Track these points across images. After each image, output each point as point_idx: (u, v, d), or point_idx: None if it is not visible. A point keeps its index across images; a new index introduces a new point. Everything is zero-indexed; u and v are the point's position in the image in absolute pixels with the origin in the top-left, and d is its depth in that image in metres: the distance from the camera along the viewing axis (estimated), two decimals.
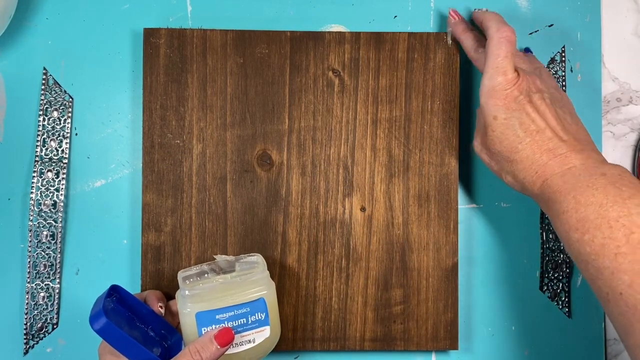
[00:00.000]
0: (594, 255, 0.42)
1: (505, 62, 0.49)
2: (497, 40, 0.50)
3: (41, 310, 0.57)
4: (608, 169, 0.45)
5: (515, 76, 0.49)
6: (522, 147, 0.48)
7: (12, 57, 0.58)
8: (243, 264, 0.52)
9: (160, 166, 0.56)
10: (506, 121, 0.49)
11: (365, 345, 0.57)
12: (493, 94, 0.49)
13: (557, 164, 0.47)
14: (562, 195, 0.45)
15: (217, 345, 0.47)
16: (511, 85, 0.49)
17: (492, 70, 0.50)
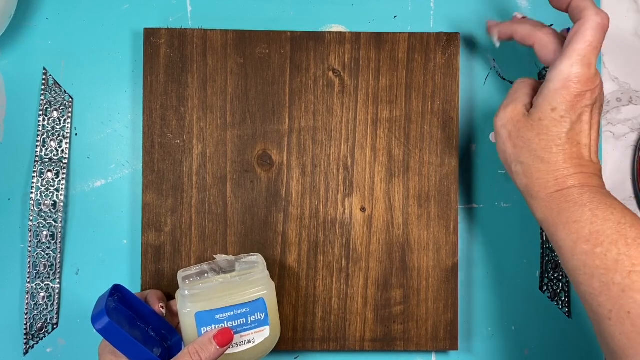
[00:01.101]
0: (604, 270, 0.41)
1: (594, 53, 0.45)
2: (593, 24, 0.45)
3: (41, 310, 0.57)
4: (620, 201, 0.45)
5: (595, 74, 0.45)
6: (557, 150, 0.46)
7: (12, 57, 0.58)
8: (243, 264, 0.52)
9: (160, 166, 0.56)
10: (561, 119, 0.45)
11: (365, 346, 0.57)
12: (569, 84, 0.45)
13: (579, 180, 0.46)
14: (576, 206, 0.44)
15: (216, 346, 0.47)
16: (588, 86, 0.45)
17: (578, 56, 0.45)
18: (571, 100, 0.45)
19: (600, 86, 0.46)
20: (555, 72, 0.45)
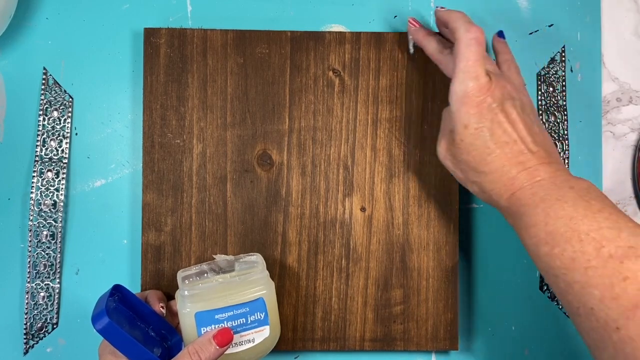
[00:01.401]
0: (564, 269, 0.41)
1: (477, 66, 0.47)
2: (466, 42, 0.48)
3: (41, 310, 0.57)
4: (576, 183, 0.44)
5: (487, 81, 0.47)
6: (492, 159, 0.47)
7: (12, 57, 0.58)
8: (242, 264, 0.52)
9: (160, 166, 0.56)
10: (477, 131, 0.47)
11: (365, 346, 0.57)
12: (466, 100, 0.47)
13: (526, 177, 0.46)
14: (530, 208, 0.44)
15: (216, 346, 0.47)
16: (484, 92, 0.47)
17: (463, 74, 0.47)
18: (474, 111, 0.47)
19: (498, 85, 0.47)
20: (451, 95, 0.48)
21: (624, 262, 0.39)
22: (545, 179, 0.45)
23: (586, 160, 0.60)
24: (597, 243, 0.40)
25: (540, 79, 0.60)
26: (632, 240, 0.40)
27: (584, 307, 0.40)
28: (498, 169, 0.47)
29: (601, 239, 0.40)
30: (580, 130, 0.60)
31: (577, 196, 0.43)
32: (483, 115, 0.47)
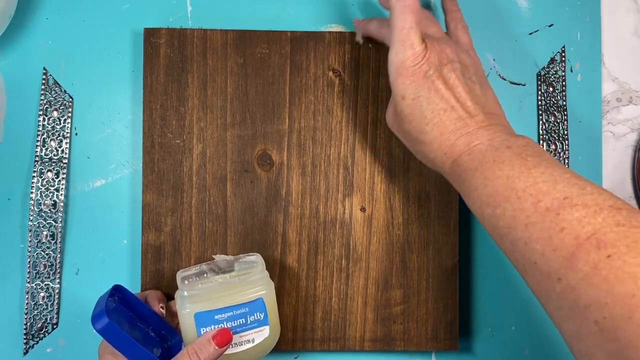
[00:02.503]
0: (507, 229, 0.41)
1: (411, 34, 0.46)
2: (399, 11, 0.46)
3: (41, 310, 0.57)
4: (514, 141, 0.44)
5: (423, 48, 0.46)
6: (430, 128, 0.46)
7: (12, 57, 0.58)
8: (242, 264, 0.52)
9: (160, 166, 0.56)
10: (414, 102, 0.46)
11: (365, 346, 0.57)
12: (401, 71, 0.46)
13: (464, 143, 0.45)
14: (470, 173, 0.44)
15: (215, 346, 0.47)
16: (419, 60, 0.46)
17: (398, 44, 0.46)
18: (410, 81, 0.46)
19: (434, 50, 0.46)
20: (388, 66, 0.47)
21: (560, 214, 0.39)
22: (483, 143, 0.45)
23: (586, 160, 0.60)
24: (534, 198, 0.40)
25: (540, 79, 0.60)
26: (567, 191, 0.40)
27: (528, 262, 0.40)
28: (437, 138, 0.46)
29: (537, 194, 0.40)
30: (580, 130, 0.60)
31: (513, 155, 0.43)
32: (419, 84, 0.46)
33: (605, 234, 0.37)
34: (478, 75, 0.48)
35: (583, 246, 0.37)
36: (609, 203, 0.38)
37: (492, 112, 0.47)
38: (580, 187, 0.40)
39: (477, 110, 0.46)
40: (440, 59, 0.46)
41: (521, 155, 0.43)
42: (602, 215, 0.38)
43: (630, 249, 0.35)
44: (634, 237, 0.36)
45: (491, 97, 0.48)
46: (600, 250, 0.36)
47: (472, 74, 0.48)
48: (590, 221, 0.37)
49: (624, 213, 0.38)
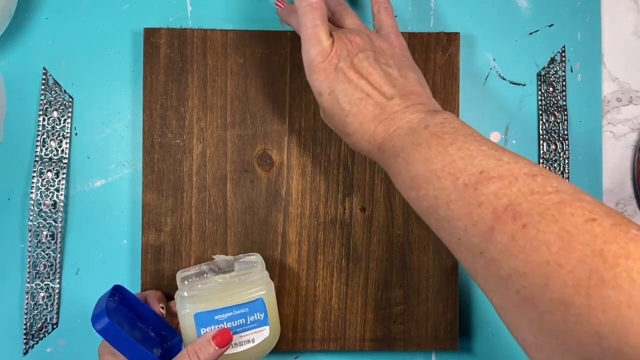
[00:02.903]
0: (432, 209, 0.42)
1: (317, 31, 0.46)
2: (303, 10, 0.47)
3: (41, 310, 0.57)
4: (431, 120, 0.44)
5: (330, 43, 0.46)
6: (350, 119, 0.46)
7: (12, 57, 0.58)
8: (242, 264, 0.52)
9: (160, 166, 0.56)
10: (330, 96, 0.46)
11: (365, 346, 0.57)
12: (313, 68, 0.47)
13: (384, 129, 0.45)
14: (393, 158, 0.44)
15: (215, 346, 0.47)
16: (328, 55, 0.46)
17: (306, 43, 0.47)
18: (323, 77, 0.46)
19: (341, 42, 0.47)
20: (304, 66, 0.48)
21: (477, 189, 0.39)
22: (402, 127, 0.45)
23: (586, 160, 0.60)
24: (452, 176, 0.40)
25: (540, 79, 0.60)
26: (484, 164, 0.40)
27: (454, 239, 0.40)
28: (359, 128, 0.46)
29: (455, 172, 0.40)
30: (580, 130, 0.60)
31: (430, 135, 0.43)
32: (332, 78, 0.46)
33: (520, 204, 0.37)
34: (396, 58, 0.48)
35: (500, 218, 0.37)
36: (525, 171, 0.38)
37: (412, 92, 0.47)
38: (497, 158, 0.40)
39: (394, 93, 0.46)
40: (349, 49, 0.47)
41: (438, 134, 0.43)
42: (517, 184, 0.38)
43: (543, 217, 0.36)
44: (546, 204, 0.36)
45: (411, 77, 0.48)
46: (516, 220, 0.36)
47: (388, 58, 0.48)
48: (506, 192, 0.38)
49: (538, 180, 0.38)
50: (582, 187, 0.59)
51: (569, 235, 0.34)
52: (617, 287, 0.31)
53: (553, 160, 0.59)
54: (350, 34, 0.48)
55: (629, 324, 0.30)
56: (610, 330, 0.31)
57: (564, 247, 0.34)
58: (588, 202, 0.36)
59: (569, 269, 0.33)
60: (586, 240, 0.33)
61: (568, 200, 0.36)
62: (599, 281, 0.32)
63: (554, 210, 0.36)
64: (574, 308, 0.33)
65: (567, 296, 0.33)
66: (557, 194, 0.37)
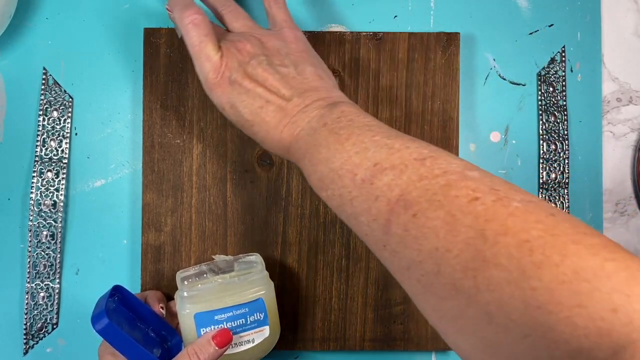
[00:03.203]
0: (340, 207, 0.41)
1: (203, 47, 0.46)
2: (185, 30, 0.46)
3: (41, 310, 0.57)
4: (329, 116, 0.43)
5: (219, 57, 0.46)
6: (257, 129, 0.46)
7: (12, 57, 0.58)
8: (242, 264, 0.52)
9: (160, 166, 0.56)
10: (232, 109, 0.46)
11: (365, 346, 0.57)
12: (208, 85, 0.46)
13: (289, 134, 0.45)
14: (301, 161, 0.44)
15: (215, 347, 0.47)
16: (219, 69, 0.46)
17: (197, 61, 0.46)
18: (220, 92, 0.46)
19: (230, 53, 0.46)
20: None
21: (373, 183, 0.39)
22: (304, 128, 0.44)
23: (586, 160, 0.60)
24: (350, 173, 0.40)
25: (540, 79, 0.60)
26: (377, 156, 0.39)
27: (363, 235, 0.40)
28: (267, 136, 0.46)
29: (353, 168, 0.40)
30: (580, 130, 0.60)
31: (328, 133, 0.42)
32: (228, 92, 0.46)
33: (410, 193, 0.37)
34: (292, 55, 0.47)
35: (394, 210, 0.37)
36: (414, 156, 0.38)
37: (310, 88, 0.46)
38: (389, 147, 0.39)
39: (292, 94, 0.45)
40: (240, 59, 0.46)
41: (335, 131, 0.42)
42: (407, 172, 0.38)
43: (430, 203, 0.35)
44: (433, 189, 0.36)
45: (310, 72, 0.47)
46: (407, 210, 0.36)
47: (283, 58, 0.47)
48: (398, 182, 0.37)
49: (427, 163, 0.37)
50: (582, 187, 0.59)
51: (454, 218, 0.34)
52: (498, 266, 0.31)
53: (553, 160, 0.59)
54: (239, 41, 0.47)
55: (511, 301, 0.31)
56: (497, 308, 0.31)
57: (449, 232, 0.34)
58: (474, 179, 0.36)
59: (456, 253, 0.33)
60: (469, 222, 0.34)
61: (454, 181, 0.36)
62: (482, 262, 0.32)
63: (440, 195, 0.35)
64: (464, 291, 0.33)
65: (457, 280, 0.33)
66: (444, 175, 0.36)
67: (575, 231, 0.31)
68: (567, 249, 0.30)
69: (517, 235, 0.32)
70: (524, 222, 0.32)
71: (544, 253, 0.30)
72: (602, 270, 0.29)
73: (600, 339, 0.28)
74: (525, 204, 0.33)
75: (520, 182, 0.59)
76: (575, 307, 0.29)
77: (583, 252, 0.30)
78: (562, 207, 0.59)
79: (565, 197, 0.59)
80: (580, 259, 0.30)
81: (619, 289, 0.28)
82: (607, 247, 0.30)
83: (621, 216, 0.60)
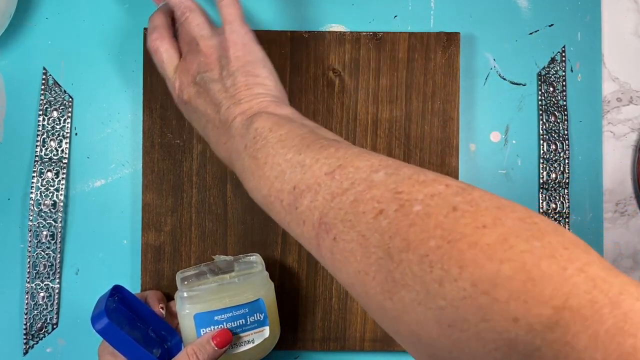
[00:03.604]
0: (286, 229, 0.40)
1: (163, 70, 0.48)
2: (151, 52, 0.49)
3: (41, 310, 0.57)
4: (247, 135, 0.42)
5: (175, 79, 0.48)
6: (212, 146, 0.47)
7: (12, 57, 0.58)
8: (242, 264, 0.52)
9: (160, 166, 0.56)
10: (193, 124, 0.48)
11: (365, 346, 0.57)
12: (176, 101, 0.49)
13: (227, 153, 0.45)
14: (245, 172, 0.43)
15: (214, 347, 0.47)
16: (176, 90, 0.48)
17: (167, 81, 0.49)
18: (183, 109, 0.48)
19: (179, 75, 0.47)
20: None
21: (297, 207, 0.38)
22: (233, 149, 0.44)
23: (586, 160, 0.60)
24: (278, 200, 0.39)
25: (540, 79, 0.60)
26: (294, 178, 0.38)
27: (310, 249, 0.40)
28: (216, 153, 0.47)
29: (278, 194, 0.39)
30: (580, 130, 0.60)
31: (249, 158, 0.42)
32: (184, 110, 0.48)
33: (327, 215, 0.36)
34: (228, 65, 0.46)
35: (320, 235, 0.36)
36: (324, 170, 0.37)
37: (236, 101, 0.45)
38: (301, 165, 0.38)
39: (220, 109, 0.45)
40: (186, 81, 0.47)
41: (253, 155, 0.42)
42: (321, 192, 0.37)
43: (344, 224, 0.34)
44: (345, 208, 0.35)
45: (240, 82, 0.45)
46: (328, 234, 0.35)
47: (221, 70, 0.46)
48: (316, 204, 0.37)
49: (337, 177, 0.36)
50: (582, 187, 0.59)
51: (365, 239, 0.33)
52: (405, 286, 0.30)
53: (553, 160, 0.59)
54: (186, 60, 0.48)
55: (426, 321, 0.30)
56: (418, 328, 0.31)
57: (364, 255, 0.33)
58: (378, 185, 0.34)
59: (372, 275, 0.33)
60: (377, 241, 0.32)
61: (360, 194, 0.35)
62: (393, 283, 0.31)
63: (350, 214, 0.34)
64: (389, 312, 0.32)
65: (380, 302, 0.32)
66: (351, 189, 0.35)
67: (474, 228, 0.30)
68: (464, 258, 0.29)
69: (417, 250, 0.30)
70: (423, 232, 0.31)
71: (443, 267, 0.29)
72: (498, 276, 0.27)
73: (509, 350, 0.27)
74: (426, 203, 0.32)
75: (520, 182, 0.59)
76: (480, 323, 0.28)
77: (480, 258, 0.28)
78: (562, 207, 0.59)
79: (565, 197, 0.59)
80: (477, 267, 0.28)
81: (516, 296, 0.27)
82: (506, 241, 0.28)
83: (621, 216, 0.60)
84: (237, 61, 0.46)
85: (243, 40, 0.47)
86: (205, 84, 0.46)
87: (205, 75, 0.46)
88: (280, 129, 0.42)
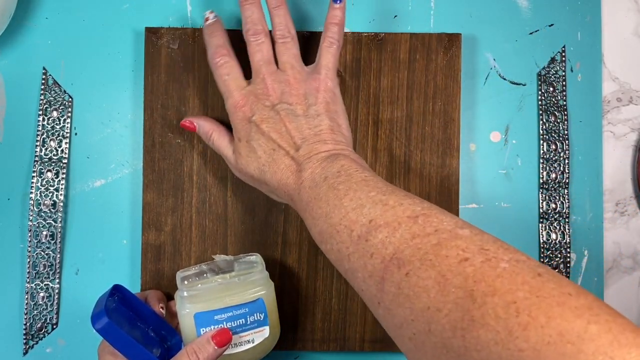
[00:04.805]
0: (339, 262, 0.43)
1: (225, 84, 0.50)
2: (212, 67, 0.51)
3: (41, 310, 0.57)
4: (330, 170, 0.45)
5: (242, 96, 0.49)
6: (266, 168, 0.48)
7: (12, 57, 0.58)
8: (242, 264, 0.52)
9: (160, 165, 0.56)
10: (248, 144, 0.49)
11: (365, 346, 0.57)
12: (231, 117, 0.50)
13: (294, 181, 0.47)
14: (302, 212, 0.46)
15: (214, 346, 0.47)
16: (239, 107, 0.49)
17: (222, 94, 0.51)
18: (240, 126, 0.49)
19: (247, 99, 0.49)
20: None
21: (368, 240, 0.40)
22: (307, 179, 0.46)
23: (586, 160, 0.60)
24: (348, 229, 0.41)
25: (540, 79, 0.60)
26: (372, 213, 0.41)
27: (359, 290, 0.42)
28: (273, 177, 0.48)
29: (350, 224, 0.41)
30: (580, 130, 0.60)
31: (329, 188, 0.44)
32: (247, 129, 0.49)
33: (403, 252, 0.38)
34: (315, 105, 0.49)
35: (388, 268, 0.38)
36: (407, 214, 0.40)
37: (320, 140, 0.48)
38: (384, 203, 0.41)
39: (302, 142, 0.48)
40: (261, 103, 0.49)
41: (334, 186, 0.44)
42: (400, 230, 0.39)
43: (422, 262, 0.37)
44: (425, 248, 0.37)
45: (325, 125, 0.49)
46: (400, 269, 0.37)
47: (306, 107, 0.49)
48: (391, 240, 0.39)
49: (420, 221, 0.39)
50: (582, 187, 0.59)
51: (444, 279, 0.35)
52: (485, 326, 0.32)
53: (553, 160, 0.59)
54: (266, 85, 0.49)
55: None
56: None
57: (440, 292, 0.35)
58: (464, 238, 0.37)
59: (446, 312, 0.34)
60: (459, 283, 0.34)
61: (444, 241, 0.37)
62: (470, 322, 0.33)
63: (431, 254, 0.37)
64: (454, 350, 0.34)
65: (447, 339, 0.34)
66: (435, 234, 0.38)
67: (560, 292, 0.32)
68: (552, 311, 0.31)
69: (504, 297, 0.33)
70: (511, 284, 0.33)
71: (530, 314, 0.31)
72: (586, 332, 0.30)
73: None
74: (512, 264, 0.34)
75: (520, 182, 0.59)
76: None
77: (568, 314, 0.31)
78: (562, 207, 0.59)
79: (565, 197, 0.59)
80: (565, 320, 0.31)
81: (603, 351, 0.29)
82: (592, 309, 0.31)
83: (621, 216, 0.60)
84: (326, 106, 0.49)
85: (334, 89, 0.51)
86: (287, 115, 0.48)
87: (290, 107, 0.49)
88: (365, 172, 0.45)
